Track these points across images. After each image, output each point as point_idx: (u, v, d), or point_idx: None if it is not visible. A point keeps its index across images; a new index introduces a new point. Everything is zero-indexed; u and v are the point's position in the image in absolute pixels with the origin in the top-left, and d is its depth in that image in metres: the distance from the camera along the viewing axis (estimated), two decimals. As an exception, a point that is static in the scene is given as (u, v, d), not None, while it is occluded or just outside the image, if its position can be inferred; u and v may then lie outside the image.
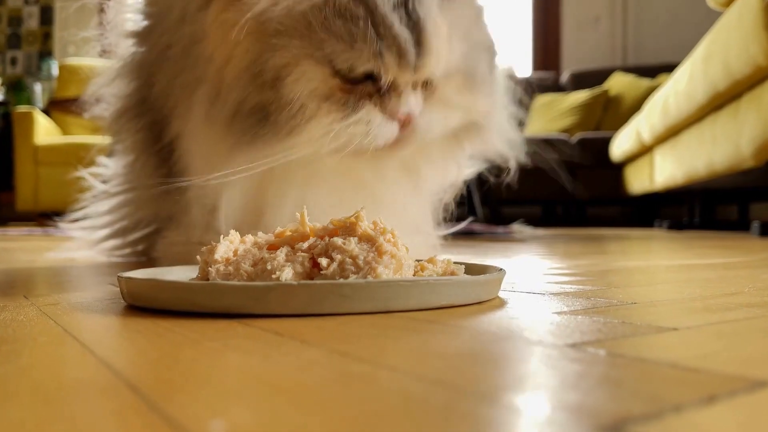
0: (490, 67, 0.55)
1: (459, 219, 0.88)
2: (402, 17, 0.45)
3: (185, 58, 0.57)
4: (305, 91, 0.47)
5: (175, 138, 0.63)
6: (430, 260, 0.45)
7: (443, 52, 0.48)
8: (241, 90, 0.50)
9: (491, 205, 2.56)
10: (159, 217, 0.75)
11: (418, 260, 0.45)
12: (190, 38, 0.56)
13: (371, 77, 0.48)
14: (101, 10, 0.78)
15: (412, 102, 0.47)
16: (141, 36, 0.71)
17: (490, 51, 0.56)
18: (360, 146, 0.49)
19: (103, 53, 0.80)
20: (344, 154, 0.50)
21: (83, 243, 0.97)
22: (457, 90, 0.51)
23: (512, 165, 0.68)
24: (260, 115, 0.50)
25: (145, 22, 0.70)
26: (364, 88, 0.47)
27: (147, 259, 0.88)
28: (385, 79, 0.46)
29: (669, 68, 3.30)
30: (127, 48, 0.75)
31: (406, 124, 0.49)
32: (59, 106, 3.40)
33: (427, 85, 0.51)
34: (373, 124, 0.48)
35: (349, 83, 0.47)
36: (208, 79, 0.54)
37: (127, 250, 0.91)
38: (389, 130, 0.49)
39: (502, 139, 0.64)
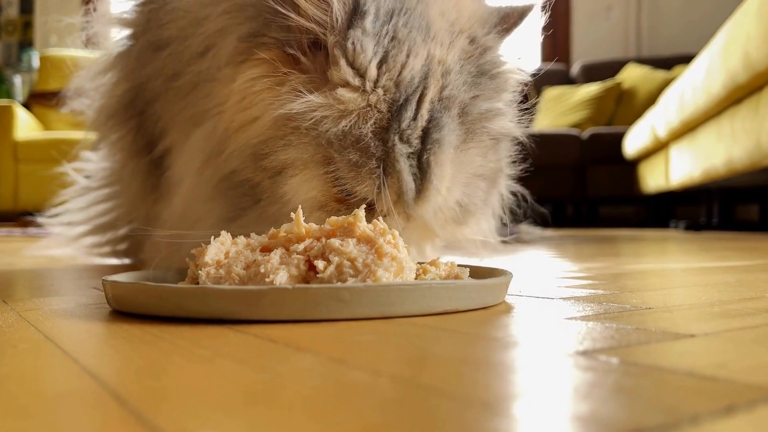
0: (486, 195, 0.59)
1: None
2: (413, 165, 0.50)
3: (194, 91, 0.60)
4: (303, 196, 0.52)
5: (167, 151, 0.66)
6: (433, 263, 0.45)
7: (440, 201, 0.53)
8: (241, 162, 0.54)
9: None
10: (148, 218, 0.75)
11: (420, 263, 0.45)
12: (207, 77, 0.58)
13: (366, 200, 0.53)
14: (88, 0, 0.79)
15: (394, 225, 0.51)
16: (134, 28, 0.71)
17: (495, 176, 0.60)
18: None
19: (88, 43, 0.80)
20: None
21: (62, 239, 0.98)
22: (443, 223, 0.56)
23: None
24: (251, 194, 0.54)
25: (140, 16, 0.70)
26: (356, 203, 0.51)
27: (133, 261, 0.88)
28: (379, 210, 0.51)
29: (685, 59, 3.30)
30: (115, 39, 0.75)
31: None
32: (40, 100, 3.41)
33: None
34: None
35: (345, 196, 0.52)
36: (213, 124, 0.57)
37: (107, 249, 0.92)
38: None
39: (483, 236, 0.69)
